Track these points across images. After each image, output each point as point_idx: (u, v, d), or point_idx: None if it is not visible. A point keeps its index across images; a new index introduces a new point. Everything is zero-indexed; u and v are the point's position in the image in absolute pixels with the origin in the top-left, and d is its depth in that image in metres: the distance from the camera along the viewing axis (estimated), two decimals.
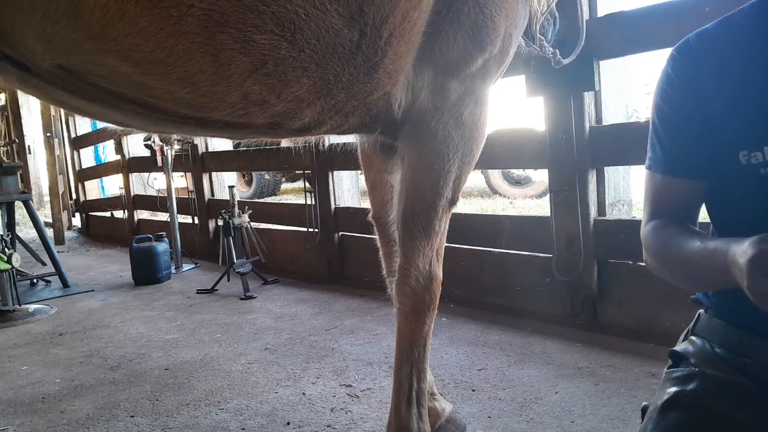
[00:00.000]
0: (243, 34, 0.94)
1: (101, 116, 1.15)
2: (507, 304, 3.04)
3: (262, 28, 0.95)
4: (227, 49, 0.95)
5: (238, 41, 0.94)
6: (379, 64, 1.14)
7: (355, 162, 1.88)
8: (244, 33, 0.94)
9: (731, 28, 1.00)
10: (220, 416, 2.10)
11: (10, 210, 4.66)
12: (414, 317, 1.47)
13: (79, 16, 0.84)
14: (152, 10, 0.86)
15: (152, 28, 0.88)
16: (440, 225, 1.44)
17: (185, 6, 0.88)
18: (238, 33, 0.94)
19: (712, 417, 0.94)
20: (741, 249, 0.76)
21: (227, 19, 0.92)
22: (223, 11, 0.91)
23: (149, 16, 0.86)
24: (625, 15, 2.49)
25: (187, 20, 0.89)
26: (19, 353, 3.01)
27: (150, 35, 0.88)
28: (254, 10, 0.93)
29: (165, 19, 0.88)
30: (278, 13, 0.95)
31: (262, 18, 0.94)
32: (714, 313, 1.07)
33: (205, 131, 1.20)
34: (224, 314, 3.48)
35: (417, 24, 1.19)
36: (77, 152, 8.15)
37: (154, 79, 0.96)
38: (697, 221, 1.08)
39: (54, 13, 0.83)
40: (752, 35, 0.97)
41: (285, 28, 0.97)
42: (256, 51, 0.97)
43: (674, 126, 1.04)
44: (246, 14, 0.92)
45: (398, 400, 1.50)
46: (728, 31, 1.01)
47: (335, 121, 1.25)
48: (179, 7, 0.87)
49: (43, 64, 0.91)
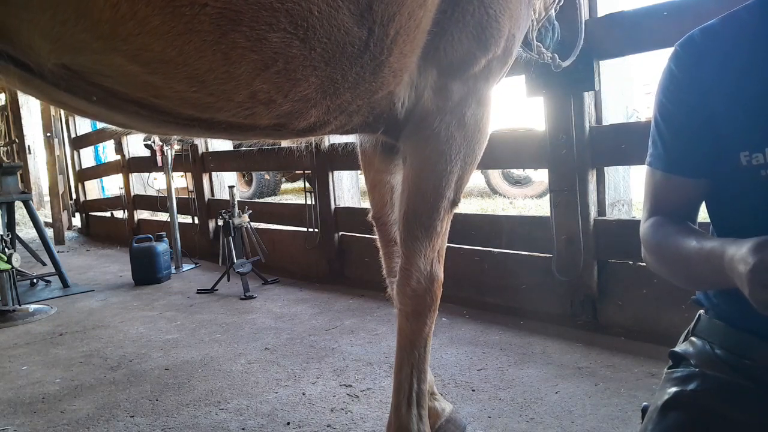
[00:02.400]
0: (256, 32, 0.93)
1: (103, 117, 1.15)
2: (507, 304, 3.04)
3: (275, 26, 0.94)
4: (239, 47, 0.94)
5: (250, 39, 0.94)
6: (384, 62, 1.14)
7: (355, 162, 1.88)
8: (257, 31, 0.93)
9: (735, 24, 0.99)
10: (220, 416, 2.10)
11: (10, 210, 4.66)
12: (415, 318, 1.47)
13: (89, 16, 0.84)
14: (164, 9, 0.85)
15: (164, 27, 0.87)
16: (442, 226, 1.44)
17: (199, 5, 0.87)
18: (251, 31, 0.93)
19: (712, 417, 0.94)
20: (740, 255, 0.75)
21: (241, 17, 0.91)
22: (238, 9, 0.90)
23: (161, 15, 0.86)
24: (625, 15, 2.49)
25: (200, 19, 0.88)
26: (19, 353, 3.01)
27: (161, 34, 0.88)
28: (269, 8, 0.92)
29: (177, 18, 0.87)
30: (292, 11, 0.95)
31: (276, 16, 0.93)
32: (714, 314, 1.06)
33: (208, 133, 1.19)
34: (224, 314, 3.48)
35: (422, 23, 1.19)
36: (77, 152, 8.15)
37: (162, 78, 0.96)
38: (696, 220, 1.07)
39: (63, 13, 0.83)
40: (755, 32, 0.96)
41: (298, 26, 0.96)
42: (268, 49, 0.96)
43: (676, 122, 1.03)
44: (260, 12, 0.92)
45: (398, 401, 1.50)
46: (732, 27, 1.00)
47: (340, 121, 1.24)
48: (193, 6, 0.87)
49: (47, 64, 0.90)
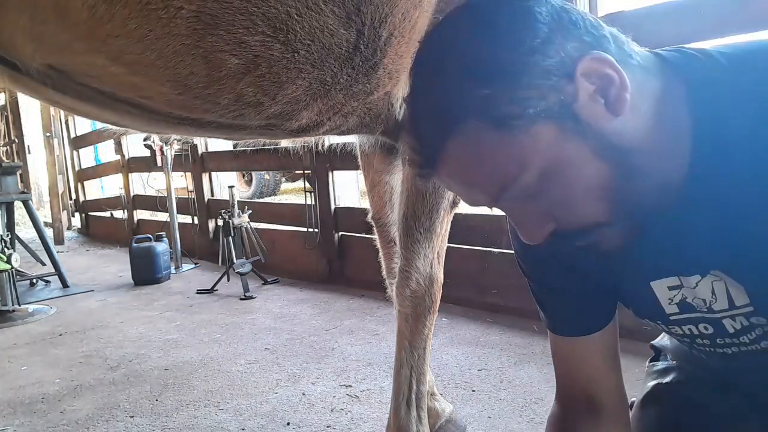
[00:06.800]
0: (234, 36, 0.93)
1: (95, 116, 1.15)
2: (507, 304, 3.04)
3: (252, 29, 0.93)
4: (218, 51, 0.94)
5: (229, 43, 0.93)
6: (378, 64, 1.13)
7: (355, 162, 1.87)
8: (234, 35, 0.93)
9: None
10: (220, 416, 2.10)
11: (9, 210, 4.65)
12: (414, 319, 1.47)
13: (67, 17, 0.84)
14: (141, 12, 0.85)
15: (141, 30, 0.87)
16: (442, 227, 1.44)
17: (174, 8, 0.87)
18: (229, 35, 0.92)
19: (689, 407, 0.97)
20: None
21: (217, 21, 0.91)
22: (213, 13, 0.90)
23: (138, 18, 0.86)
24: (626, 15, 2.49)
25: (176, 22, 0.88)
26: (18, 353, 3.01)
27: (139, 37, 0.88)
28: (244, 12, 0.91)
29: (154, 21, 0.87)
30: (269, 14, 0.94)
31: (252, 19, 0.92)
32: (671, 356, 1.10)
33: (200, 132, 1.19)
34: (224, 314, 3.48)
35: (418, 23, 1.18)
36: (77, 152, 8.14)
37: (145, 80, 0.96)
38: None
39: (41, 14, 0.83)
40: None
41: (277, 29, 0.95)
42: (248, 53, 0.96)
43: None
44: (236, 16, 0.91)
45: (398, 403, 1.49)
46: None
47: (334, 122, 1.24)
48: (168, 9, 0.86)
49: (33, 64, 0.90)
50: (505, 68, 0.62)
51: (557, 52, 0.62)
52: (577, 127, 0.64)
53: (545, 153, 0.64)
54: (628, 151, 0.65)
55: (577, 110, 0.63)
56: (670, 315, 0.84)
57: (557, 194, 0.67)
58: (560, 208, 0.68)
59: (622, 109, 0.64)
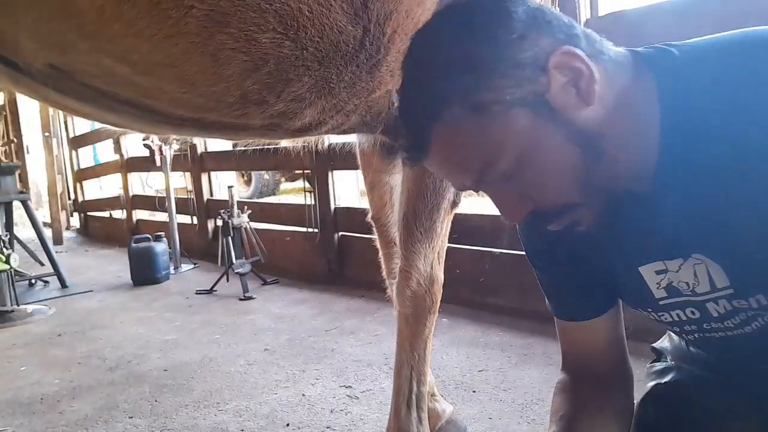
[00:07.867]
0: (244, 34, 0.92)
1: (95, 117, 1.14)
2: (508, 305, 3.03)
3: (264, 26, 0.93)
4: (227, 48, 0.93)
5: (239, 41, 0.93)
6: (381, 61, 1.13)
7: (355, 162, 1.86)
8: (245, 32, 0.92)
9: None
10: (220, 417, 2.09)
11: (8, 210, 4.64)
12: (414, 320, 1.46)
13: (75, 16, 0.83)
14: (150, 11, 0.84)
15: (150, 30, 0.86)
16: (442, 227, 1.43)
17: (185, 7, 0.86)
18: (240, 32, 0.92)
19: (688, 406, 0.97)
20: None
21: (228, 19, 0.90)
22: (225, 11, 0.89)
23: (147, 17, 0.85)
24: (628, 14, 2.48)
25: (186, 21, 0.87)
26: (17, 354, 3.00)
27: (148, 37, 0.87)
28: (257, 9, 0.91)
29: (163, 20, 0.86)
30: (281, 11, 0.93)
31: (264, 17, 0.92)
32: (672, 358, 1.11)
33: (201, 132, 1.18)
34: (223, 315, 3.47)
35: (420, 21, 1.17)
36: (76, 152, 8.13)
37: (150, 79, 0.95)
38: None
39: (48, 13, 0.82)
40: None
41: (288, 26, 0.95)
42: (258, 50, 0.95)
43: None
44: (248, 13, 0.91)
45: (398, 404, 1.49)
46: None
47: (336, 121, 1.23)
48: (178, 8, 0.86)
49: (35, 64, 0.89)
50: (484, 59, 0.69)
51: (531, 46, 0.69)
52: (550, 115, 0.70)
53: (521, 137, 0.70)
54: (597, 136, 0.71)
55: (550, 99, 0.69)
56: (660, 300, 0.88)
57: (533, 176, 0.72)
58: (537, 190, 0.74)
59: (592, 99, 0.70)
